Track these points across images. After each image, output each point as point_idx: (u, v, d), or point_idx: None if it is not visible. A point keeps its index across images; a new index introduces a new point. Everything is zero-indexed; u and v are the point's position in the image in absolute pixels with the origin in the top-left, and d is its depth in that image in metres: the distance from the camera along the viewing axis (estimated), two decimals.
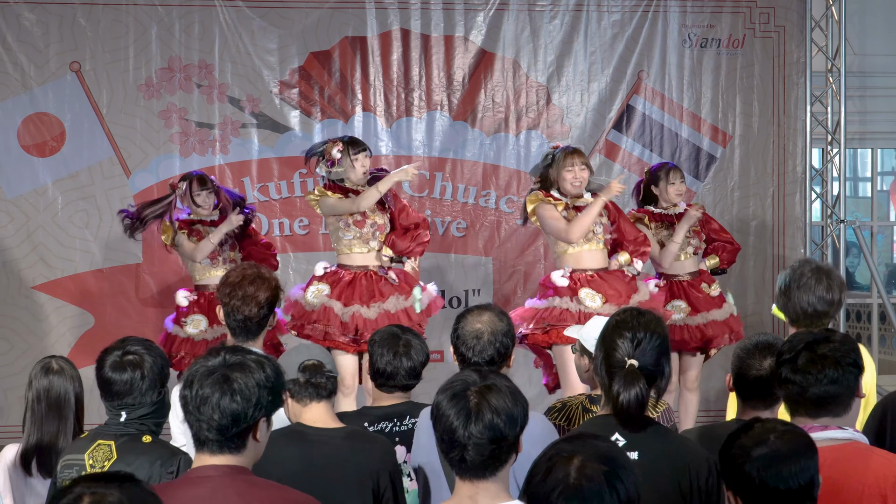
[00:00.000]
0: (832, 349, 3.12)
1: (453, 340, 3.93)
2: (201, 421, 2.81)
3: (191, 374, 2.85)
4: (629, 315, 3.36)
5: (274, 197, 8.55)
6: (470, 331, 3.88)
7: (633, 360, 3.26)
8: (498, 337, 3.89)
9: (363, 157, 6.72)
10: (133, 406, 3.61)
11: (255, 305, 4.27)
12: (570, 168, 6.69)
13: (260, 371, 2.85)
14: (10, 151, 8.28)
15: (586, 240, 6.68)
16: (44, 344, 8.14)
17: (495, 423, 2.71)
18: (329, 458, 3.66)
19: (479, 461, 2.71)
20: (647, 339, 3.29)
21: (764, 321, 8.91)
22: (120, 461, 3.55)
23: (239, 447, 2.85)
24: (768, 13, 8.94)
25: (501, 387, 2.78)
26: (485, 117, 8.74)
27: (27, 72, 8.29)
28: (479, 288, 8.72)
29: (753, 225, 8.97)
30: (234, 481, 2.81)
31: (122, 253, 8.38)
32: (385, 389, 4.24)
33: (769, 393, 3.64)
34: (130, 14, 8.37)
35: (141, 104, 8.41)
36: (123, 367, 3.61)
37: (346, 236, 6.69)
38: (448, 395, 2.76)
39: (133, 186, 8.40)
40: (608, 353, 3.30)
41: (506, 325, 3.94)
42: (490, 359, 3.87)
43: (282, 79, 8.53)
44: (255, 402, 2.82)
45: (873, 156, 10.92)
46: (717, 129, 8.94)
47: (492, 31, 8.71)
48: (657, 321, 3.35)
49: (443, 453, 2.79)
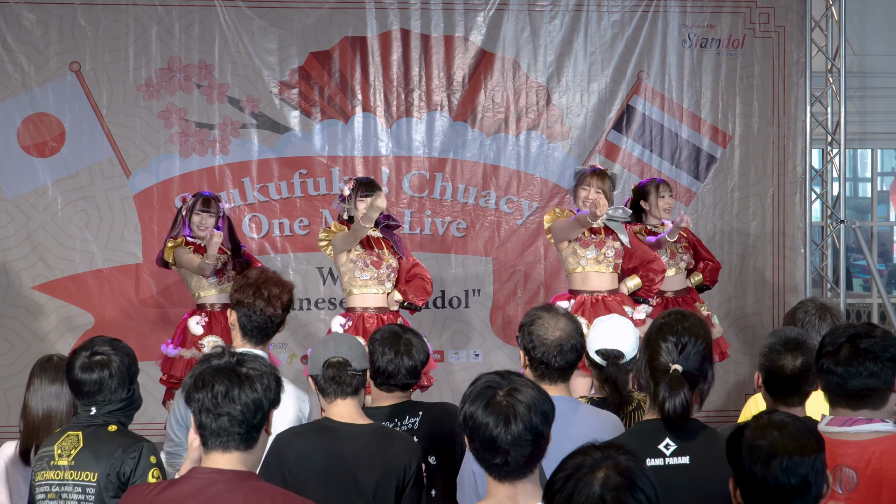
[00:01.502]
0: (873, 343, 3.18)
1: (529, 350, 3.86)
2: (222, 417, 2.82)
3: (198, 376, 2.85)
4: (673, 319, 3.35)
5: (274, 197, 8.55)
6: (552, 341, 3.83)
7: (678, 366, 3.24)
8: (577, 339, 3.88)
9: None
10: (103, 403, 3.74)
11: (279, 306, 4.34)
12: (585, 187, 6.66)
13: (262, 363, 2.91)
14: (9, 152, 8.28)
15: (596, 261, 6.68)
16: (43, 344, 8.13)
17: (534, 423, 2.75)
18: (356, 453, 3.70)
19: (522, 462, 2.75)
20: (692, 344, 3.27)
21: (764, 321, 8.92)
22: (85, 449, 3.66)
23: (254, 441, 2.87)
24: (768, 13, 8.95)
25: (527, 385, 2.82)
26: (485, 118, 8.74)
27: (27, 72, 8.29)
28: (479, 288, 8.72)
29: (753, 225, 8.97)
30: (242, 486, 2.82)
31: (121, 253, 8.38)
32: (385, 389, 4.24)
33: (800, 389, 3.67)
34: (130, 14, 8.37)
35: (141, 104, 8.40)
36: (92, 367, 3.73)
37: (363, 276, 6.62)
38: (481, 404, 2.78)
39: (133, 187, 8.40)
40: (652, 356, 3.29)
41: (577, 324, 3.94)
42: (572, 362, 3.87)
43: (282, 79, 8.53)
44: (270, 392, 2.87)
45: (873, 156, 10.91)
46: (717, 130, 8.94)
47: (492, 31, 8.71)
48: (701, 324, 3.35)
49: (482, 461, 2.80)
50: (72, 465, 3.65)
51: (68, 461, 3.66)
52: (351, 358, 3.85)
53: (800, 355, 3.67)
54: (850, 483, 3.08)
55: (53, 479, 3.67)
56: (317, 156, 8.59)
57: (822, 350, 3.22)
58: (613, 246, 6.73)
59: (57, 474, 3.67)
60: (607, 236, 6.74)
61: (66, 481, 3.64)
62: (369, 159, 8.64)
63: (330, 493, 3.61)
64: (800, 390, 3.69)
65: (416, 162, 8.68)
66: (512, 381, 2.82)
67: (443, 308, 8.59)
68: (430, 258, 8.52)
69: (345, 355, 3.84)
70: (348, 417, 3.79)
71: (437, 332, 8.45)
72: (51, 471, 3.68)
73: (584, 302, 6.64)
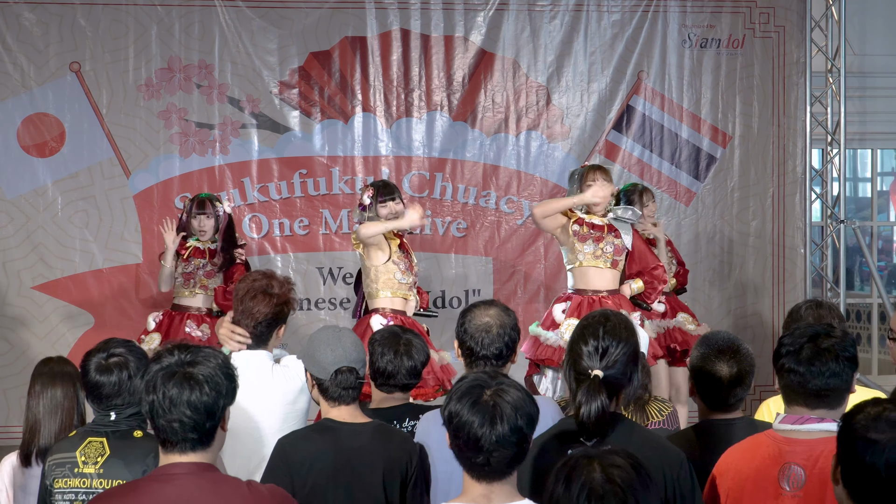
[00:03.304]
0: (834, 343, 3.16)
1: (459, 335, 3.89)
2: (173, 422, 2.78)
3: (150, 378, 2.81)
4: (595, 321, 3.24)
5: (274, 197, 8.56)
6: (478, 325, 3.85)
7: (598, 371, 3.14)
8: (506, 330, 3.86)
9: (392, 204, 6.55)
10: (122, 406, 3.65)
11: (251, 320, 4.18)
12: (590, 182, 6.56)
13: (215, 359, 2.85)
14: (9, 152, 8.29)
15: (594, 256, 6.60)
16: (43, 344, 8.14)
17: (519, 425, 2.73)
18: (361, 450, 3.69)
19: (504, 463, 2.73)
20: (615, 348, 3.17)
21: (764, 321, 8.93)
22: (113, 456, 3.58)
23: (210, 441, 2.84)
24: (768, 13, 8.95)
25: (514, 386, 2.79)
26: (485, 118, 8.74)
27: (27, 72, 8.30)
28: (479, 288, 8.72)
29: (753, 225, 8.97)
30: (202, 479, 2.80)
31: (121, 253, 8.39)
32: (385, 389, 4.24)
33: (736, 395, 3.67)
34: (130, 14, 8.37)
35: (141, 104, 8.41)
36: (109, 369, 3.65)
37: (404, 279, 6.49)
38: (467, 403, 2.75)
39: (133, 187, 8.41)
40: (575, 360, 3.20)
41: (512, 319, 3.92)
42: (498, 352, 3.85)
43: (281, 79, 8.53)
44: (222, 391, 2.82)
45: (873, 156, 10.92)
46: (716, 130, 8.94)
47: (492, 31, 8.72)
48: (624, 326, 3.23)
49: (463, 459, 2.78)
50: (100, 472, 3.59)
51: (95, 469, 3.59)
52: (358, 365, 3.79)
53: (734, 362, 3.65)
54: (798, 481, 3.09)
55: (80, 486, 3.59)
56: (317, 156, 8.60)
57: (782, 349, 3.19)
58: (613, 242, 6.66)
59: (83, 482, 3.60)
60: (608, 232, 6.69)
61: (96, 490, 3.54)
62: (369, 159, 8.64)
63: (338, 493, 3.61)
64: (735, 396, 3.67)
65: (416, 162, 8.68)
66: (499, 380, 2.80)
67: (443, 308, 8.59)
68: (430, 258, 8.53)
69: (352, 363, 3.77)
70: (350, 417, 3.77)
71: (437, 332, 8.43)
72: (76, 478, 3.61)
73: (580, 303, 6.59)
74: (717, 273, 8.93)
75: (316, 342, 3.82)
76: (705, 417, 3.74)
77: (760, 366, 8.83)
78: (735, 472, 3.24)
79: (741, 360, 3.68)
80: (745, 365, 3.69)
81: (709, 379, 3.67)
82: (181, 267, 7.21)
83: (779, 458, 3.14)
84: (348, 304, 8.55)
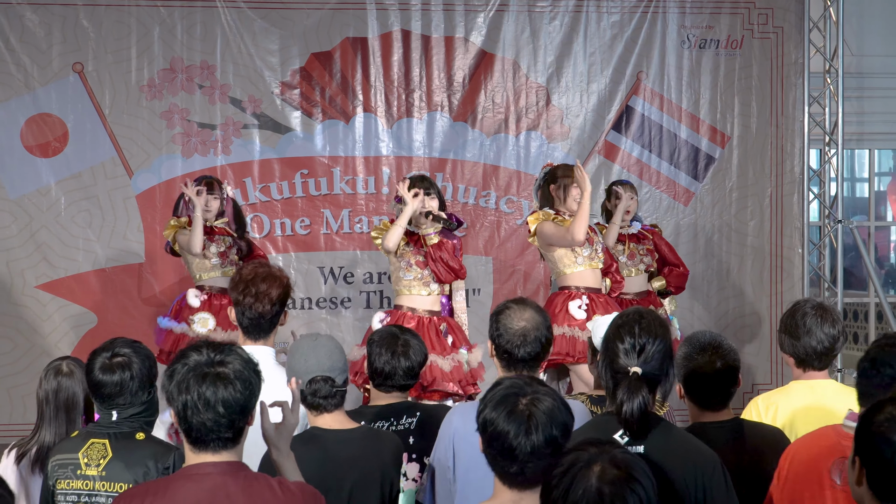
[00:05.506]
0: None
1: (495, 338, 3.87)
2: (207, 421, 2.80)
3: (181, 378, 2.82)
4: (630, 319, 3.27)
5: (276, 197, 8.60)
6: (515, 330, 3.84)
7: (637, 368, 3.18)
8: (542, 332, 3.87)
9: (426, 199, 6.52)
10: (124, 406, 3.66)
11: (267, 302, 4.23)
12: (576, 185, 6.56)
13: (241, 356, 2.87)
14: (13, 152, 8.32)
15: (589, 258, 6.62)
16: (47, 343, 8.18)
17: (554, 435, 2.73)
18: (349, 456, 3.69)
19: (538, 473, 2.70)
20: (651, 344, 3.21)
21: (762, 321, 8.96)
22: (115, 458, 3.59)
23: (240, 439, 2.87)
24: (766, 14, 8.98)
25: (549, 395, 2.78)
26: (485, 118, 8.78)
27: (30, 72, 8.34)
28: (479, 288, 8.76)
29: (751, 225, 9.01)
30: (235, 477, 2.83)
31: (124, 253, 8.43)
32: (383, 389, 4.27)
33: (725, 391, 3.73)
34: (133, 15, 8.41)
35: (143, 105, 8.45)
36: (113, 368, 3.65)
37: (407, 276, 6.52)
38: (503, 412, 2.75)
39: (135, 187, 8.45)
40: (612, 359, 3.23)
41: (546, 318, 3.93)
42: (535, 355, 3.86)
43: (283, 79, 8.57)
44: (253, 389, 2.85)
45: (871, 156, 10.94)
46: (715, 130, 8.98)
47: (492, 31, 8.76)
48: (659, 323, 3.27)
49: (496, 466, 2.78)
50: (102, 475, 3.60)
51: (98, 471, 3.60)
52: (334, 373, 3.76)
53: (718, 357, 3.69)
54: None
55: (82, 488, 3.61)
56: (318, 156, 8.64)
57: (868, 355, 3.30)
58: (599, 241, 6.76)
59: (86, 484, 3.61)
60: (593, 233, 6.75)
61: (98, 492, 3.58)
62: (370, 159, 8.68)
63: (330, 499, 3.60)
64: (724, 392, 3.72)
65: (416, 162, 8.72)
66: (535, 388, 2.78)
67: None
68: None
69: (326, 371, 3.74)
70: (336, 424, 3.76)
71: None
72: (78, 480, 3.62)
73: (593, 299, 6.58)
74: (716, 273, 8.96)
75: (293, 352, 3.83)
76: (696, 420, 3.77)
77: (759, 365, 8.93)
78: (795, 459, 3.35)
79: (724, 354, 3.73)
80: (729, 359, 3.73)
81: (696, 377, 3.71)
82: (213, 246, 7.09)
83: (835, 451, 3.21)
84: (349, 303, 8.61)
